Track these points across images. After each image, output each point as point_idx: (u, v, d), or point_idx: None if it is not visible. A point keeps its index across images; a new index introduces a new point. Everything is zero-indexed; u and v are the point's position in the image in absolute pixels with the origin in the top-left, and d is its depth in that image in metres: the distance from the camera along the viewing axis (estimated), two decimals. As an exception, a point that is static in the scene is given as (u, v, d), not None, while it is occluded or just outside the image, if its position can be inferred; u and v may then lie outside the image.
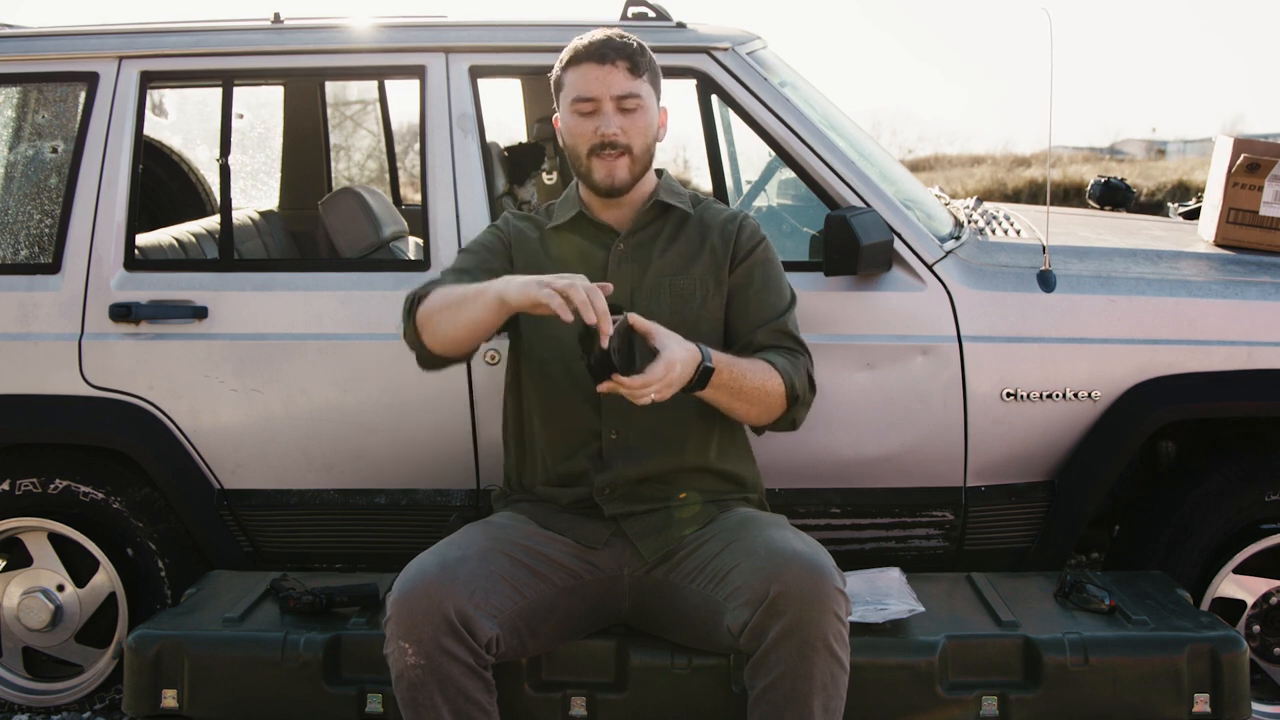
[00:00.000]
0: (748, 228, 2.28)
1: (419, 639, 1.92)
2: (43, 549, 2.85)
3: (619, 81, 2.14)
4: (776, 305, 2.23)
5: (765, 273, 2.25)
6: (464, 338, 2.08)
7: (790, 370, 2.14)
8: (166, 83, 3.25)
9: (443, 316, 2.07)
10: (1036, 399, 2.64)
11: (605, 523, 2.20)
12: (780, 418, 2.16)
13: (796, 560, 1.93)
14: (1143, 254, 2.82)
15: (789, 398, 2.13)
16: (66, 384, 2.74)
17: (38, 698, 2.88)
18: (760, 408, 2.12)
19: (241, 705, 2.27)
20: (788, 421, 2.18)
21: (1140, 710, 2.21)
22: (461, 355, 2.16)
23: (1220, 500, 2.65)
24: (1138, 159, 22.97)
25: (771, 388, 2.11)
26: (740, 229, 2.27)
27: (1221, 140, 3.03)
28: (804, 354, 2.22)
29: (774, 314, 2.22)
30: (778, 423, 2.18)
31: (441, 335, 2.10)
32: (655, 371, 1.91)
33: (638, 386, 1.90)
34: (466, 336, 2.08)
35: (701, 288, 2.22)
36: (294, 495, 2.77)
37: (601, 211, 2.25)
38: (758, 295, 2.23)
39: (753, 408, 2.11)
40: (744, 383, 2.07)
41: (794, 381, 2.14)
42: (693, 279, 2.22)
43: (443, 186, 2.73)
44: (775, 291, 2.25)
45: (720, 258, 2.24)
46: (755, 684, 1.94)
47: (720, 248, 2.24)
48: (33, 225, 2.80)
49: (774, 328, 2.21)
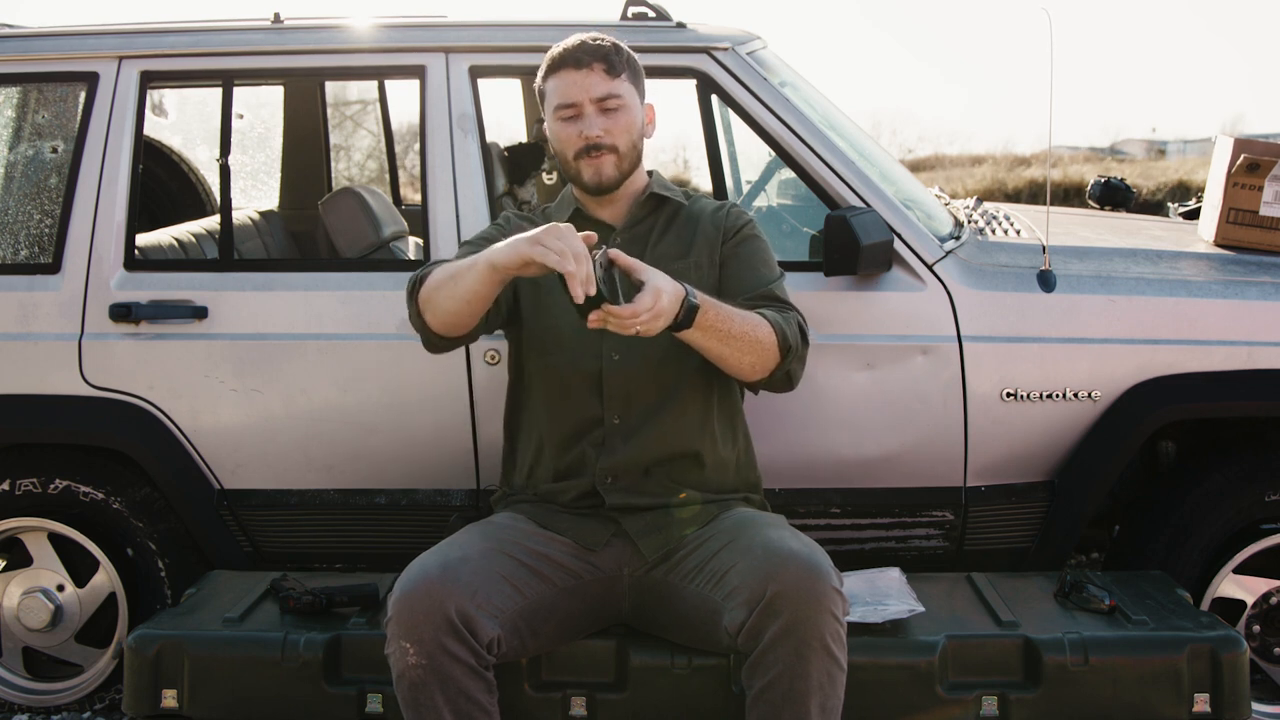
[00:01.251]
0: (735, 212, 2.33)
1: (420, 639, 1.92)
2: (43, 549, 2.85)
3: (597, 83, 2.17)
4: (765, 276, 2.25)
5: (752, 247, 2.29)
6: (463, 311, 2.07)
7: (780, 321, 2.13)
8: (166, 83, 3.24)
9: (440, 293, 2.07)
10: (1036, 399, 2.64)
11: (605, 523, 2.20)
12: (774, 370, 2.14)
13: (793, 560, 1.94)
14: (1143, 254, 2.82)
15: (781, 347, 2.11)
16: (66, 384, 2.74)
17: (38, 698, 2.88)
18: (752, 355, 2.09)
19: (241, 705, 2.27)
20: (782, 374, 2.16)
21: (1140, 710, 2.21)
22: (463, 333, 2.15)
23: (1220, 500, 2.65)
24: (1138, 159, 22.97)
25: (762, 335, 2.08)
26: (729, 214, 2.32)
27: (1221, 140, 3.03)
28: (794, 311, 2.21)
29: (762, 282, 2.24)
30: (773, 376, 2.15)
31: (442, 311, 2.09)
32: (643, 301, 1.89)
33: (626, 315, 1.87)
34: (465, 310, 2.07)
35: (696, 271, 2.25)
36: (294, 495, 2.77)
37: (596, 209, 2.28)
38: (746, 265, 2.26)
39: (745, 355, 2.08)
40: (731, 325, 2.05)
41: (785, 331, 2.12)
42: (688, 265, 2.25)
43: (443, 186, 2.73)
44: (763, 264, 2.27)
45: (712, 241, 2.28)
46: (753, 684, 1.94)
47: (712, 232, 2.29)
48: (33, 225, 2.80)
49: (762, 293, 2.22)
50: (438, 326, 2.13)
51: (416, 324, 2.18)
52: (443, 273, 2.08)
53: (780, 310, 2.19)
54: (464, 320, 2.10)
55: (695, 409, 2.24)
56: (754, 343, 2.07)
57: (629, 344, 2.15)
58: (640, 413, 2.21)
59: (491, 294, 2.03)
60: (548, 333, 2.22)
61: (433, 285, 2.09)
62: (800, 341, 2.17)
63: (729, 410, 2.30)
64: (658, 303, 1.90)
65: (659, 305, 1.90)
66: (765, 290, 2.22)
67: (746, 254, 2.27)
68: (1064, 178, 14.01)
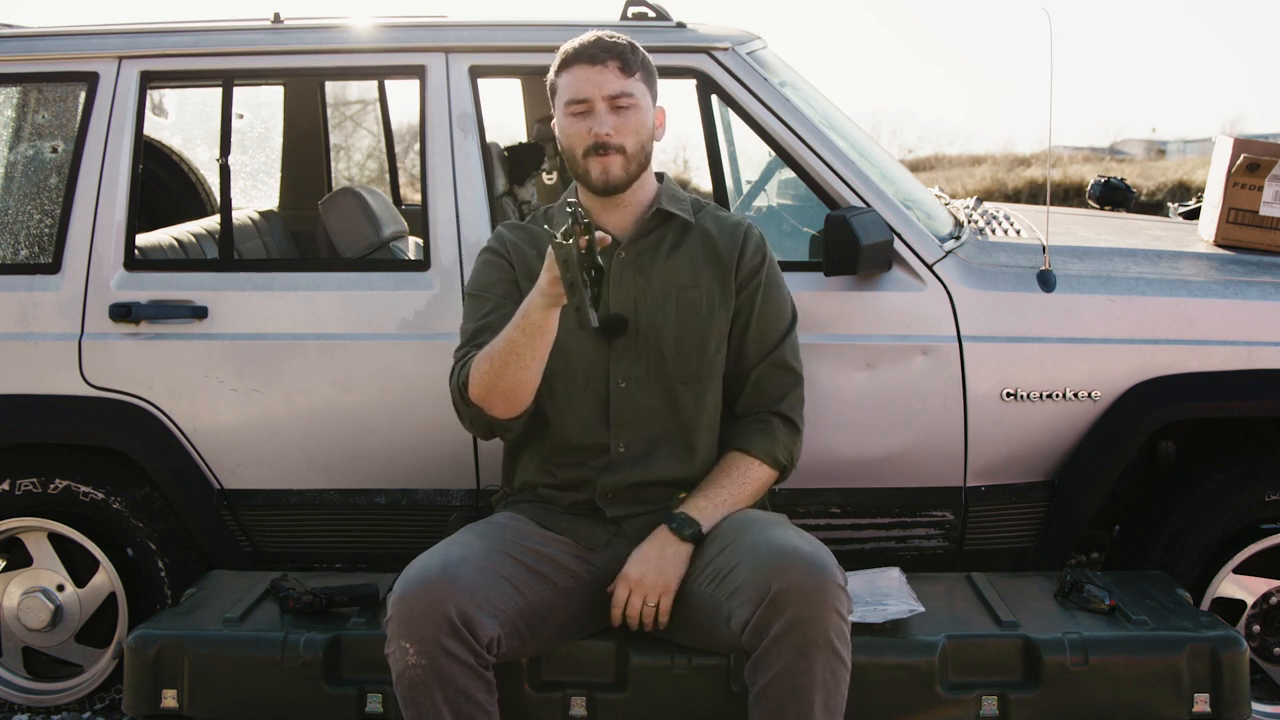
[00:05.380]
0: (753, 240, 2.29)
1: (420, 639, 1.92)
2: (43, 549, 2.85)
3: (610, 81, 2.15)
4: (775, 331, 2.27)
5: (767, 295, 2.27)
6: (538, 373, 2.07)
7: (768, 445, 2.22)
8: (166, 83, 3.25)
9: (505, 378, 2.05)
10: (1036, 399, 2.64)
11: (606, 524, 2.20)
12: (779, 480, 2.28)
13: (798, 557, 1.94)
14: (1143, 254, 2.81)
15: (776, 469, 2.24)
16: (66, 384, 2.73)
17: (38, 698, 2.88)
18: (761, 494, 2.25)
19: (241, 705, 2.27)
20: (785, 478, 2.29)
21: (1140, 710, 2.21)
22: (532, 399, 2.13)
23: (1220, 500, 2.65)
24: (1138, 159, 22.98)
25: (760, 486, 2.22)
26: (746, 241, 2.28)
27: (1221, 140, 3.03)
28: (792, 391, 2.27)
29: (772, 343, 2.26)
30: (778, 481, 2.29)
31: (517, 390, 2.08)
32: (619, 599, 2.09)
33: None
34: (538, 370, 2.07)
35: (708, 301, 2.23)
36: (294, 495, 2.77)
37: (602, 215, 2.24)
38: (759, 319, 2.26)
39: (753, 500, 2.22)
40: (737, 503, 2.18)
41: (776, 457, 2.22)
42: (700, 292, 2.23)
43: (443, 186, 2.73)
44: (776, 315, 2.28)
45: (726, 269, 2.25)
46: (756, 681, 1.94)
47: (726, 260, 2.26)
48: (33, 225, 2.80)
49: (771, 361, 2.26)
50: (510, 411, 2.12)
51: (481, 424, 2.16)
52: (491, 362, 2.06)
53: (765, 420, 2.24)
54: (535, 377, 2.09)
55: (702, 439, 2.23)
56: (757, 492, 2.22)
57: (638, 372, 2.17)
58: (647, 441, 2.21)
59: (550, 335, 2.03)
60: (556, 356, 2.16)
61: (489, 376, 2.06)
62: (791, 440, 2.26)
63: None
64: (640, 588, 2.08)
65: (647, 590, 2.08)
66: (774, 357, 2.26)
67: (761, 305, 2.26)
68: (1064, 178, 14.01)
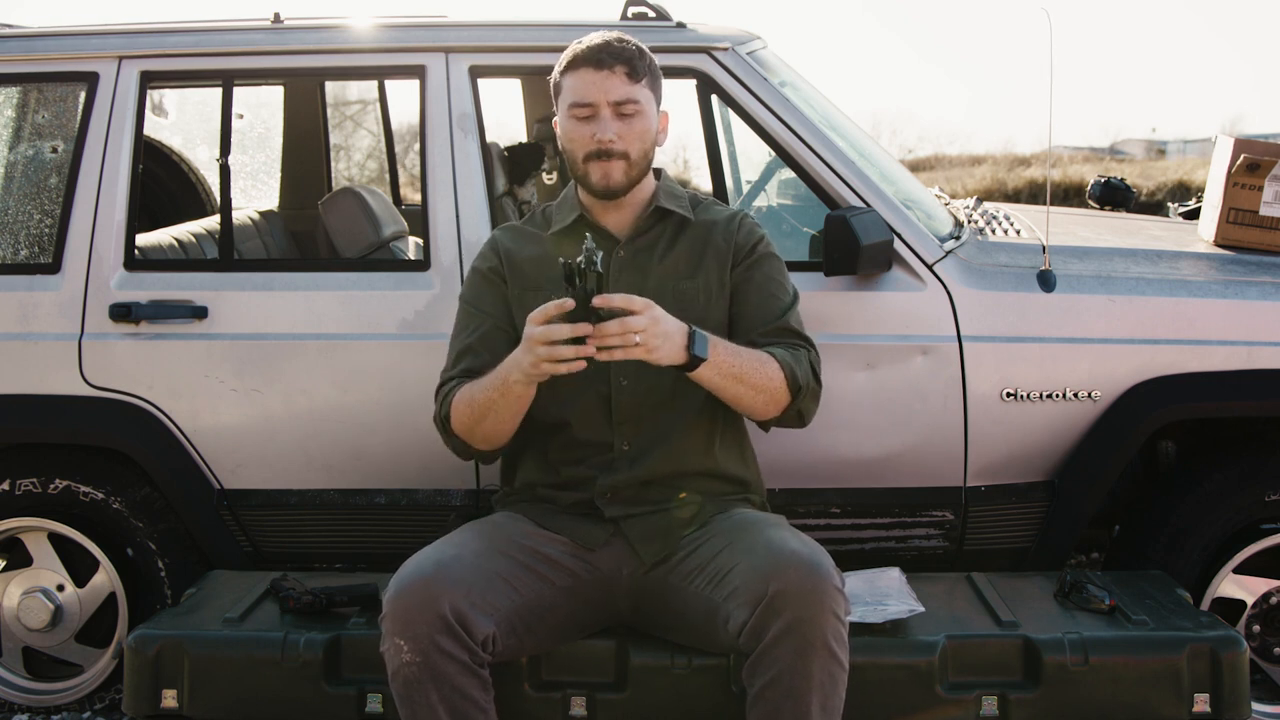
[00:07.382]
0: (746, 226, 2.28)
1: (414, 636, 1.92)
2: (43, 549, 2.85)
3: (616, 87, 2.13)
4: (777, 304, 2.23)
5: (766, 271, 2.25)
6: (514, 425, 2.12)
7: (790, 360, 2.13)
8: (166, 83, 3.25)
9: (484, 426, 2.11)
10: (1036, 399, 2.64)
11: (604, 523, 2.20)
12: (786, 409, 2.15)
13: (795, 559, 1.94)
14: (1143, 254, 2.81)
15: (791, 387, 2.12)
16: (66, 384, 2.73)
17: (38, 698, 2.88)
18: (764, 395, 2.10)
19: (241, 705, 2.27)
20: (794, 413, 2.17)
21: (1140, 710, 2.21)
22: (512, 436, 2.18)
23: (1220, 500, 2.65)
24: (1138, 159, 22.99)
25: (771, 372, 2.09)
26: (740, 228, 2.27)
27: (1221, 140, 3.03)
28: (807, 347, 2.21)
29: (775, 314, 2.22)
30: (784, 415, 2.16)
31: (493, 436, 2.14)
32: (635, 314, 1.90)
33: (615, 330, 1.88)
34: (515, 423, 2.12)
35: (705, 293, 2.22)
36: (294, 495, 2.77)
37: (601, 215, 2.25)
38: (758, 293, 2.23)
39: (756, 395, 2.09)
40: (741, 365, 2.06)
41: (794, 371, 2.12)
42: (696, 284, 2.22)
43: (443, 186, 2.73)
44: (776, 289, 2.25)
45: (722, 260, 2.24)
46: (754, 683, 1.94)
47: (722, 249, 2.25)
48: (33, 225, 2.80)
49: (775, 326, 2.21)
50: (491, 446, 2.18)
51: (464, 452, 2.21)
52: (471, 410, 2.10)
53: (792, 348, 2.18)
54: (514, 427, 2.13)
55: (702, 434, 2.22)
56: (764, 381, 2.09)
57: (638, 371, 2.14)
58: (649, 437, 2.20)
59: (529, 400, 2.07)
60: None
61: (469, 421, 2.11)
62: (811, 379, 2.16)
63: (736, 434, 2.29)
64: (649, 311, 1.91)
65: (654, 320, 1.91)
66: (779, 324, 2.20)
67: (760, 279, 2.24)
68: (1064, 178, 14.02)
